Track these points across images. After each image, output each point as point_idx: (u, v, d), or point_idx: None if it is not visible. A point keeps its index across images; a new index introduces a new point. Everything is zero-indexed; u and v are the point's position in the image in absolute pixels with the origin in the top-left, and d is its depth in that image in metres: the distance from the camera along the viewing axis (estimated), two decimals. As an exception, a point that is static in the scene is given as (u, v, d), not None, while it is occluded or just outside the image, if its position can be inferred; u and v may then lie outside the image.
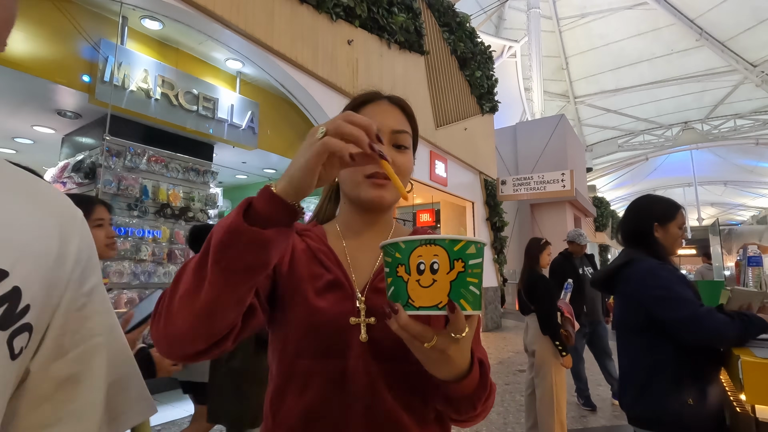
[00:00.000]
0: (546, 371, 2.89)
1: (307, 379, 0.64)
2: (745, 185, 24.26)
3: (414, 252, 0.50)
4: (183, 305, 0.52)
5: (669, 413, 1.39)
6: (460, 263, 0.49)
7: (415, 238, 0.50)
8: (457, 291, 0.49)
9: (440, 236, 0.50)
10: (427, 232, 0.80)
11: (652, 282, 1.46)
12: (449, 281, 0.49)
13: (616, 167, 22.23)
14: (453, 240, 0.49)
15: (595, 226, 16.69)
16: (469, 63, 8.76)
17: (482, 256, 0.52)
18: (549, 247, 3.24)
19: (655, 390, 1.43)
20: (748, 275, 2.44)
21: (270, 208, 0.50)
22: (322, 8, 4.89)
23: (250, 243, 0.48)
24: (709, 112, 20.63)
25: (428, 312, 0.49)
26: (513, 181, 10.01)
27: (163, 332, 0.54)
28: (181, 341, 0.54)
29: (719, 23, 16.46)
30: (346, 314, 0.65)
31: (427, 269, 0.49)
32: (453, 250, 0.49)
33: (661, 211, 1.63)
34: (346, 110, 0.72)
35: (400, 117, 0.75)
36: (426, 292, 0.49)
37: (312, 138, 0.50)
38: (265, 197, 0.50)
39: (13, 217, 0.42)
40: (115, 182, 4.01)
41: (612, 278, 1.66)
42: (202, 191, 4.88)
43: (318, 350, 0.64)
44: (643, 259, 1.55)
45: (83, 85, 3.68)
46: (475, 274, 0.50)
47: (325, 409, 0.63)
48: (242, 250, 0.48)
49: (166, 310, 0.54)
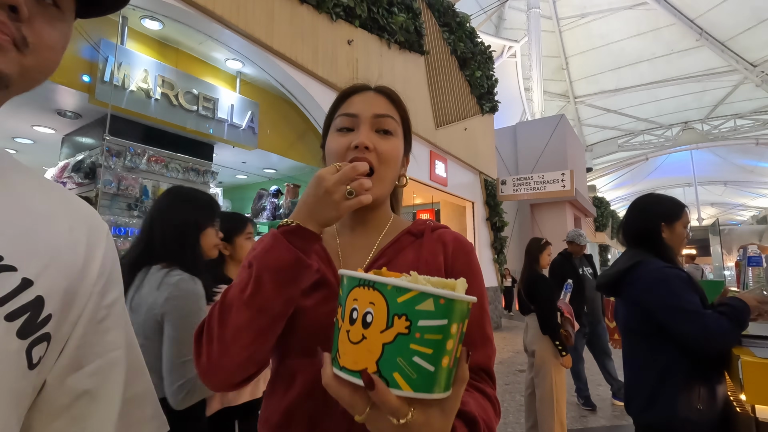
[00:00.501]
0: (546, 371, 2.89)
1: (292, 378, 0.64)
2: (745, 185, 24.26)
3: (351, 293, 0.39)
4: (239, 335, 0.55)
5: (679, 419, 1.36)
6: (403, 321, 0.36)
7: (356, 275, 0.40)
8: (390, 360, 0.36)
9: (382, 279, 0.37)
10: (426, 224, 0.77)
11: (661, 290, 1.42)
12: (382, 343, 0.36)
13: (616, 167, 22.22)
14: (398, 288, 0.36)
15: (595, 226, 16.68)
16: (469, 63, 8.76)
17: (448, 317, 0.36)
18: (549, 247, 3.24)
19: (665, 397, 1.40)
20: (748, 275, 2.44)
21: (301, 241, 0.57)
22: (322, 8, 4.89)
23: (300, 275, 0.57)
24: (709, 112, 20.63)
25: (348, 377, 0.38)
26: (513, 181, 10.01)
27: (217, 363, 0.56)
28: (235, 370, 0.57)
29: (719, 23, 16.45)
30: (331, 314, 0.64)
31: (359, 319, 0.38)
32: (395, 301, 0.36)
33: (667, 210, 1.58)
34: (334, 103, 0.75)
35: (384, 103, 0.74)
36: (352, 350, 0.38)
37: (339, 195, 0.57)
38: (300, 233, 0.57)
39: (44, 224, 0.42)
40: (115, 182, 4.01)
41: (618, 282, 1.60)
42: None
43: (303, 350, 0.64)
44: (651, 260, 1.50)
45: (83, 85, 3.68)
46: (426, 341, 0.36)
47: (305, 408, 0.62)
48: (297, 281, 0.56)
49: (218, 341, 0.55)
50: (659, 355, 1.44)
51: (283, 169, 6.47)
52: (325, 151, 0.74)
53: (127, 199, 4.18)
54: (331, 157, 0.70)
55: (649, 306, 1.45)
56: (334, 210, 0.57)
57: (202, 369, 0.57)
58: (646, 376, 1.46)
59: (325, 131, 0.77)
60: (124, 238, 4.08)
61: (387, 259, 0.70)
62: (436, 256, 0.70)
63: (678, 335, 1.37)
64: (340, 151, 0.68)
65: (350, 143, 0.68)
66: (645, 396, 1.45)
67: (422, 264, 0.69)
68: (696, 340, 1.33)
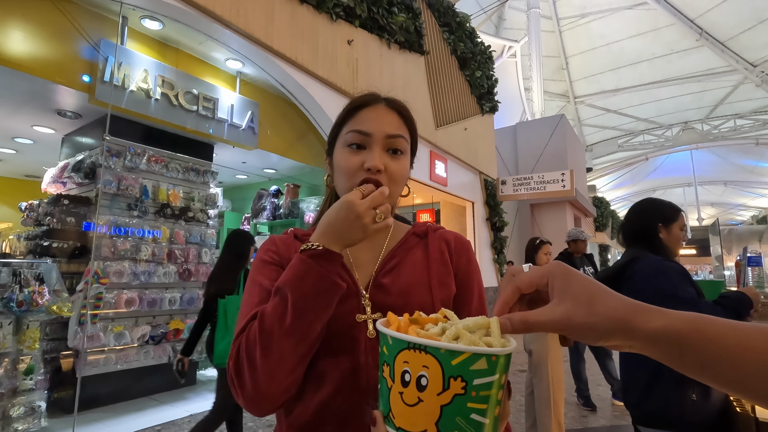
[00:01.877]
0: (543, 371, 2.90)
1: (321, 378, 0.65)
2: (745, 185, 24.24)
3: (400, 355, 0.39)
4: (283, 363, 0.57)
5: (673, 409, 1.41)
6: (459, 382, 0.36)
7: (404, 338, 0.39)
8: (449, 420, 0.37)
9: (434, 343, 0.37)
10: (427, 225, 0.81)
11: (660, 281, 1.50)
12: (440, 405, 0.37)
13: (616, 167, 22.20)
14: (452, 351, 0.37)
15: (595, 226, 16.68)
16: (469, 63, 8.75)
17: (498, 372, 0.38)
18: (546, 246, 3.24)
19: (660, 388, 1.45)
20: (748, 275, 2.44)
21: (334, 265, 0.60)
22: (322, 8, 4.89)
23: (334, 296, 0.60)
24: (709, 112, 20.62)
25: None
26: (513, 181, 10.00)
27: (266, 392, 0.58)
28: (281, 395, 0.60)
29: (719, 23, 16.44)
30: (352, 312, 0.67)
31: (412, 382, 0.38)
32: (450, 364, 0.37)
33: (664, 213, 1.69)
34: (341, 114, 0.76)
35: (397, 121, 0.75)
36: (409, 412, 0.38)
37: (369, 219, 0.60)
38: (329, 257, 0.60)
39: None
40: (115, 182, 4.01)
41: (618, 276, 1.67)
42: (202, 191, 4.88)
43: (330, 349, 0.65)
44: (649, 255, 1.59)
45: (83, 85, 3.68)
46: (481, 398, 0.37)
47: (337, 404, 0.64)
48: (335, 299, 0.60)
49: (262, 371, 0.57)
50: None
51: (283, 169, 6.47)
52: (334, 164, 0.75)
53: (127, 199, 4.18)
54: (341, 173, 0.72)
55: (648, 296, 1.48)
56: (363, 233, 0.61)
57: (249, 398, 0.59)
58: (643, 369, 1.51)
59: (332, 140, 0.78)
60: (124, 238, 4.08)
61: (398, 259, 0.74)
62: (443, 254, 0.76)
63: None
64: (351, 170, 0.71)
65: (362, 163, 0.70)
66: (641, 389, 1.50)
67: (432, 261, 0.74)
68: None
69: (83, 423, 3.43)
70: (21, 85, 3.75)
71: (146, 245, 4.23)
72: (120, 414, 3.73)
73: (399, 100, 0.77)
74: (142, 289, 4.18)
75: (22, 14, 3.35)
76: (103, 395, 3.85)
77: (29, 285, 2.96)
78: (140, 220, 4.23)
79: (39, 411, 3.01)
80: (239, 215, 7.40)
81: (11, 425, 2.85)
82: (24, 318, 2.98)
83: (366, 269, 0.73)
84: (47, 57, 3.48)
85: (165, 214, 4.43)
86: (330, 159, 0.78)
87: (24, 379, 2.96)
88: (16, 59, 3.31)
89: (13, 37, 3.31)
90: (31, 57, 3.39)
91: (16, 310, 2.88)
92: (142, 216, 4.26)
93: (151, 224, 4.33)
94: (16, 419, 2.87)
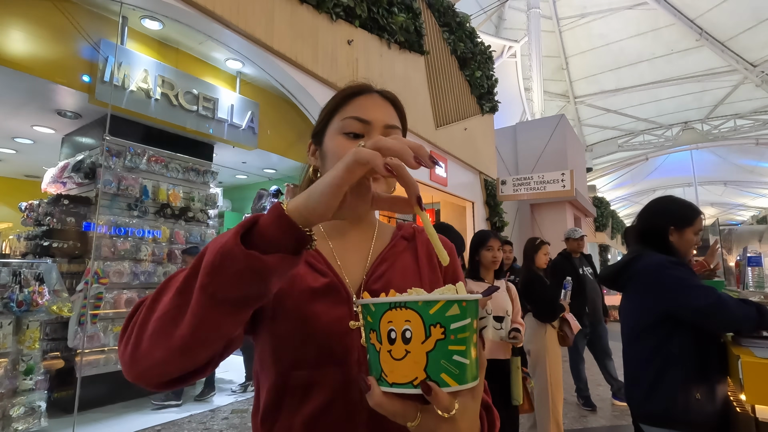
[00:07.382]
0: (541, 370, 2.91)
1: (306, 390, 0.60)
2: (745, 185, 24.23)
3: (384, 317, 0.42)
4: (157, 334, 0.44)
5: (678, 408, 1.39)
6: (438, 329, 0.41)
7: (384, 301, 0.42)
8: (435, 363, 0.40)
9: (411, 297, 0.41)
10: (412, 227, 0.78)
11: (669, 272, 1.43)
12: (425, 352, 0.40)
13: (616, 167, 22.19)
14: (428, 302, 0.41)
15: (595, 226, 16.67)
16: (469, 63, 8.75)
17: (470, 316, 0.42)
18: (545, 246, 3.25)
19: (665, 386, 1.43)
20: (748, 275, 2.44)
21: (276, 231, 0.42)
22: (322, 8, 4.89)
23: (245, 269, 0.40)
24: (709, 112, 20.61)
25: (403, 390, 0.41)
26: (513, 181, 10.00)
27: (131, 357, 0.46)
28: (150, 372, 0.47)
29: (719, 23, 16.44)
30: (344, 318, 0.62)
31: (398, 338, 0.41)
32: (428, 313, 0.41)
33: (679, 215, 1.55)
34: (333, 101, 0.72)
35: (392, 112, 0.72)
36: (399, 366, 0.41)
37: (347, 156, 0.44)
38: (273, 216, 0.43)
39: None
40: (115, 182, 4.01)
41: (621, 274, 1.60)
42: (202, 191, 4.88)
43: (317, 359, 0.60)
44: (652, 253, 1.51)
45: (83, 85, 3.68)
46: (460, 340, 0.41)
47: (328, 419, 0.59)
48: (235, 278, 0.41)
49: (138, 329, 0.46)
50: (661, 347, 1.46)
51: (283, 169, 6.47)
52: (325, 152, 0.71)
53: (127, 199, 4.18)
54: (335, 160, 0.67)
55: (657, 290, 1.45)
56: (329, 174, 0.47)
57: (119, 357, 0.50)
58: (647, 367, 1.48)
59: (322, 126, 0.73)
60: (124, 238, 4.08)
61: (389, 264, 0.70)
62: (431, 258, 0.75)
63: (692, 310, 1.37)
64: None
65: None
66: (645, 387, 1.47)
67: (422, 267, 0.72)
68: (711, 311, 1.33)
69: (83, 423, 3.43)
70: (21, 85, 3.75)
71: (146, 245, 4.23)
72: (120, 414, 3.74)
73: (392, 92, 0.75)
74: (142, 289, 4.18)
75: (22, 14, 3.35)
76: (103, 395, 3.85)
77: (29, 285, 2.96)
78: (140, 220, 4.23)
79: (39, 411, 3.01)
80: (239, 215, 7.41)
81: (11, 425, 2.85)
82: (24, 318, 2.98)
83: (355, 273, 0.69)
84: (47, 57, 3.48)
85: (165, 214, 4.43)
86: (318, 147, 0.73)
87: (24, 379, 2.96)
88: (16, 59, 3.31)
89: (13, 37, 3.31)
90: (31, 57, 3.39)
91: (16, 310, 2.88)
92: (142, 216, 4.26)
93: (151, 224, 4.33)
94: (16, 419, 2.87)
